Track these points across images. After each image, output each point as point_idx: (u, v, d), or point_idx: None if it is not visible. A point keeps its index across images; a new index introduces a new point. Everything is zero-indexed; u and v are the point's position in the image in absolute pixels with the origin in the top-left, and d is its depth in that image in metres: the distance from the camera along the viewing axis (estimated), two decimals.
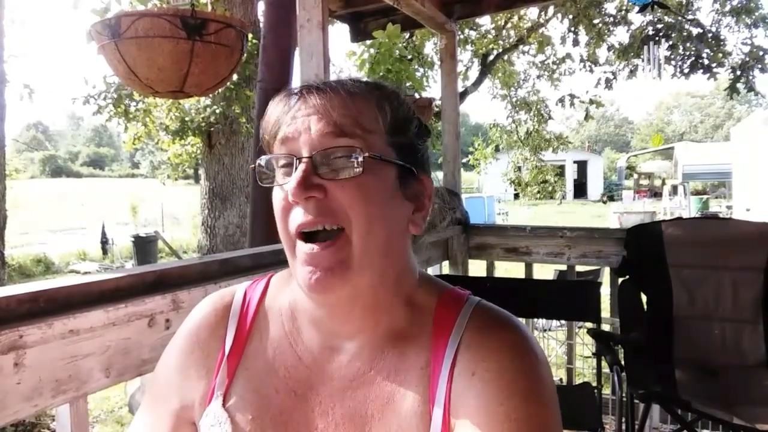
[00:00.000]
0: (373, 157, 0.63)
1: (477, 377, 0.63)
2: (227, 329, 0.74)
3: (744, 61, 7.74)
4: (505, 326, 0.67)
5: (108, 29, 1.44)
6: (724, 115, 55.65)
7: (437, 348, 0.66)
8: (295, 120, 0.65)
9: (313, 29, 1.79)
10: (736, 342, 2.13)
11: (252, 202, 2.46)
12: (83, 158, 62.78)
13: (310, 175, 0.62)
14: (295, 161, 0.63)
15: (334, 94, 0.65)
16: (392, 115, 0.67)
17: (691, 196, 17.86)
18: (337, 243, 0.62)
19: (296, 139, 0.64)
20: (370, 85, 0.70)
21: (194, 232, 12.78)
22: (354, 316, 0.68)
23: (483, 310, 0.69)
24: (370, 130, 0.65)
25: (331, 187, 0.62)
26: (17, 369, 0.89)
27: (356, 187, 0.62)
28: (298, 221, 0.63)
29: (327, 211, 0.62)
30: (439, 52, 3.25)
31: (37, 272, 11.68)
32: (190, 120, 6.45)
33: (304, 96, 0.66)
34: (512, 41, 10.57)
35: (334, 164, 0.63)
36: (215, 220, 6.27)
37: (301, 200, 0.62)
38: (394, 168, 0.66)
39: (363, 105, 0.65)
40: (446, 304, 0.70)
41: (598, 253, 2.62)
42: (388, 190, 0.66)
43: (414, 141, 0.70)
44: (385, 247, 0.65)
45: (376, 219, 0.63)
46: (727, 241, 2.23)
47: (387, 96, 0.69)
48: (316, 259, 0.62)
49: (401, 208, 0.67)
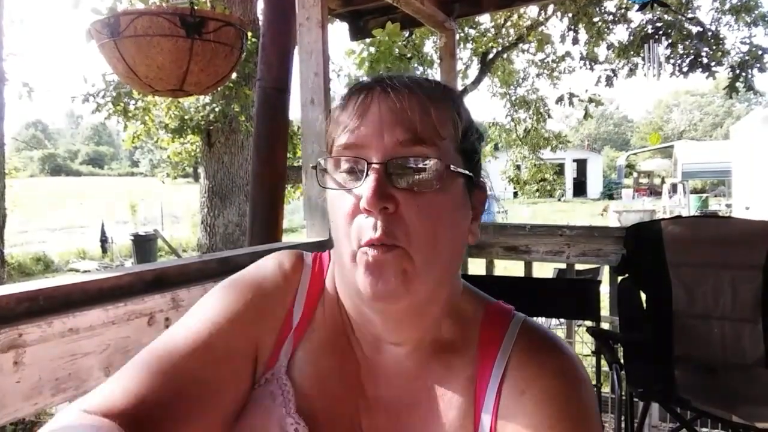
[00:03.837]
0: (451, 169, 0.60)
1: (527, 397, 0.62)
2: (296, 297, 0.72)
3: (743, 59, 7.75)
4: (555, 348, 0.67)
5: (107, 28, 1.43)
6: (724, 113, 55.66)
7: (484, 362, 0.66)
8: (367, 121, 0.61)
9: (312, 28, 1.79)
10: (736, 340, 2.13)
11: (251, 201, 2.45)
12: (82, 157, 62.70)
13: (384, 184, 0.58)
14: (366, 167, 0.59)
15: (413, 95, 0.61)
16: (462, 119, 0.64)
17: (690, 194, 17.87)
18: (404, 254, 0.59)
19: (368, 144, 0.60)
20: (444, 87, 0.67)
21: (194, 230, 12.79)
22: (406, 326, 0.67)
23: (531, 329, 0.69)
24: (445, 137, 0.61)
25: (403, 198, 0.59)
26: (17, 368, 0.89)
27: (429, 204, 0.59)
28: (367, 235, 0.59)
29: (396, 227, 0.59)
30: (439, 51, 3.24)
31: (37, 271, 11.68)
32: (190, 118, 6.44)
33: (379, 94, 0.62)
34: (512, 40, 10.56)
35: (408, 174, 0.60)
36: (215, 219, 6.27)
37: (375, 211, 0.58)
38: (462, 178, 0.63)
39: (441, 109, 0.62)
40: (493, 319, 0.69)
41: (598, 251, 2.62)
42: (457, 203, 0.63)
43: (477, 146, 0.68)
44: (447, 261, 0.64)
45: (444, 239, 0.61)
46: (727, 239, 2.23)
47: (456, 98, 0.66)
48: (379, 265, 0.59)
49: (464, 220, 0.66)
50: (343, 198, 0.62)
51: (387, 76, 0.65)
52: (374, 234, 0.58)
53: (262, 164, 2.33)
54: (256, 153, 2.36)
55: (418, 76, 0.67)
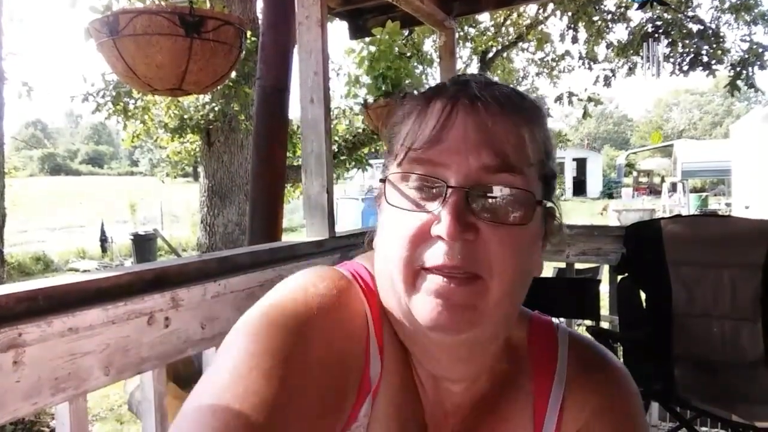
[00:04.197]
0: (539, 202, 0.56)
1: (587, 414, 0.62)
2: (370, 342, 0.59)
3: (744, 57, 7.75)
4: (608, 364, 0.66)
5: (106, 27, 1.43)
6: (723, 112, 55.68)
7: (541, 386, 0.64)
8: (449, 136, 0.54)
9: (312, 26, 1.79)
10: (735, 339, 2.13)
11: (251, 200, 2.45)
12: (82, 156, 62.68)
13: (464, 211, 0.52)
14: (445, 190, 0.53)
15: (505, 113, 0.55)
16: (548, 140, 0.59)
17: (690, 193, 17.88)
18: (474, 286, 0.53)
19: (449, 163, 0.54)
20: (536, 104, 0.60)
21: (193, 230, 12.79)
22: (466, 362, 0.62)
23: (580, 345, 0.67)
24: (534, 163, 0.56)
25: (485, 229, 0.53)
26: (16, 367, 0.89)
27: (512, 235, 0.54)
28: (437, 260, 0.53)
29: (473, 257, 0.53)
30: (438, 50, 3.24)
31: (36, 270, 11.68)
32: (189, 118, 6.44)
33: (466, 106, 0.55)
34: (511, 38, 10.57)
35: (490, 202, 0.54)
36: (214, 218, 6.27)
37: (456, 240, 0.52)
38: (542, 207, 0.58)
39: (533, 131, 0.56)
40: (539, 336, 0.67)
41: (597, 250, 2.61)
42: (536, 234, 0.59)
43: (555, 167, 0.61)
44: (519, 297, 0.59)
45: (522, 273, 0.57)
46: (726, 238, 2.23)
47: (543, 115, 0.60)
48: (449, 293, 0.53)
49: (539, 252, 0.61)
50: (411, 217, 0.55)
51: (474, 81, 0.58)
52: (448, 260, 0.52)
53: (262, 163, 2.33)
54: (256, 152, 2.36)
55: (507, 87, 0.59)
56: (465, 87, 0.57)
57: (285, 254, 1.58)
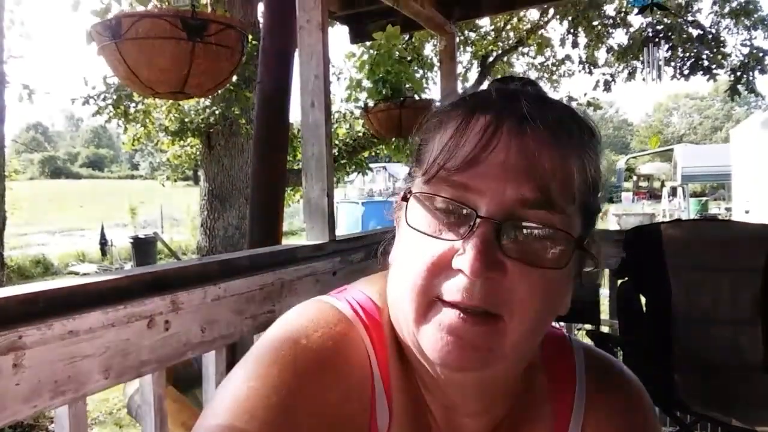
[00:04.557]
0: (579, 244, 0.50)
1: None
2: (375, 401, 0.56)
3: (743, 62, 7.77)
4: (626, 381, 0.64)
5: (108, 30, 1.44)
6: (723, 116, 55.71)
7: (561, 409, 0.61)
8: (488, 160, 0.48)
9: (312, 30, 1.79)
10: (735, 343, 2.13)
11: (251, 204, 2.46)
12: (82, 159, 62.75)
13: (492, 247, 0.47)
14: (474, 219, 0.47)
15: (556, 142, 0.49)
16: (599, 174, 0.54)
17: (690, 197, 17.88)
18: (492, 327, 0.48)
19: (483, 190, 0.48)
20: (590, 127, 0.54)
21: (193, 233, 12.78)
22: (478, 400, 0.58)
23: (596, 361, 0.65)
24: (574, 199, 0.50)
25: (513, 270, 0.47)
26: (16, 370, 0.89)
27: (545, 280, 0.48)
28: (454, 296, 0.48)
29: (495, 297, 0.48)
30: (439, 54, 3.25)
31: (36, 273, 11.67)
32: (190, 121, 6.45)
33: (511, 128, 0.49)
34: (512, 43, 10.59)
35: (523, 240, 0.48)
36: (214, 222, 6.27)
37: (478, 279, 0.47)
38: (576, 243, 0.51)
39: (583, 164, 0.51)
40: (554, 354, 0.64)
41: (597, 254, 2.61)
42: (569, 277, 0.53)
43: (600, 204, 0.57)
44: (538, 338, 0.55)
45: (546, 316, 0.52)
46: (726, 242, 2.23)
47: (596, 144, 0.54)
48: (463, 331, 0.48)
49: (567, 295, 0.55)
50: (432, 243, 0.50)
51: (524, 95, 0.51)
52: (466, 298, 0.47)
53: (263, 167, 2.33)
54: (257, 155, 2.37)
55: (561, 106, 0.53)
56: (514, 102, 0.50)
57: (285, 258, 1.58)
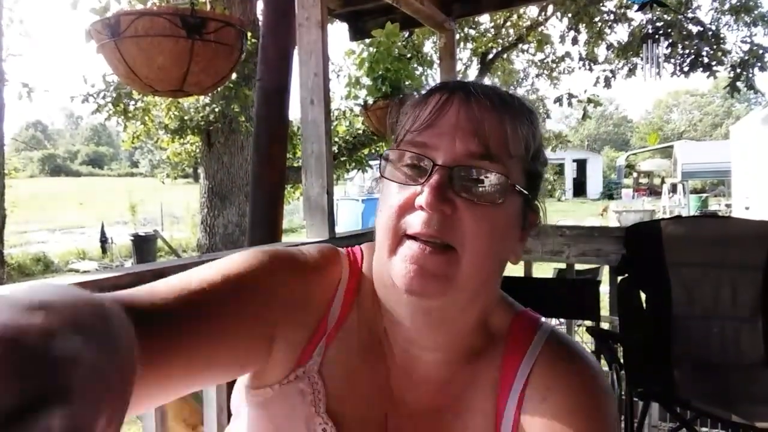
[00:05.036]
0: (516, 189, 0.62)
1: (548, 404, 0.63)
2: (335, 296, 0.70)
3: (743, 59, 7.76)
4: (580, 360, 0.67)
5: (108, 28, 1.44)
6: (723, 113, 55.67)
7: (508, 369, 0.66)
8: (442, 122, 0.61)
9: (312, 28, 1.79)
10: (735, 340, 2.13)
11: (251, 201, 2.46)
12: (82, 157, 62.72)
13: (445, 187, 0.59)
14: (431, 167, 0.60)
15: (494, 109, 0.62)
16: (533, 140, 0.65)
17: (690, 194, 17.89)
18: (447, 256, 0.59)
19: (438, 145, 0.61)
20: (522, 102, 0.66)
21: (193, 230, 12.79)
22: (438, 331, 0.66)
23: (558, 340, 0.69)
24: (514, 155, 0.62)
25: (461, 206, 0.59)
26: None
27: (487, 217, 0.60)
28: (415, 228, 0.59)
29: (449, 229, 0.59)
30: (439, 51, 3.25)
31: (37, 271, 11.68)
32: (190, 119, 6.45)
33: (461, 99, 0.62)
34: (511, 40, 10.58)
35: (471, 184, 0.60)
36: (214, 219, 6.27)
37: (433, 210, 0.58)
38: (521, 198, 0.64)
39: (515, 126, 0.62)
40: (520, 327, 0.70)
41: (598, 251, 2.62)
42: (513, 221, 0.64)
43: (541, 170, 0.68)
44: (488, 276, 0.64)
45: (492, 252, 0.62)
46: (726, 239, 2.23)
47: (533, 118, 0.66)
48: (423, 260, 0.59)
49: (514, 239, 0.66)
50: (399, 190, 0.62)
51: (472, 82, 0.66)
52: (425, 228, 0.58)
53: (262, 164, 2.33)
54: (256, 153, 2.36)
55: (501, 90, 0.66)
56: (463, 84, 0.64)
57: None
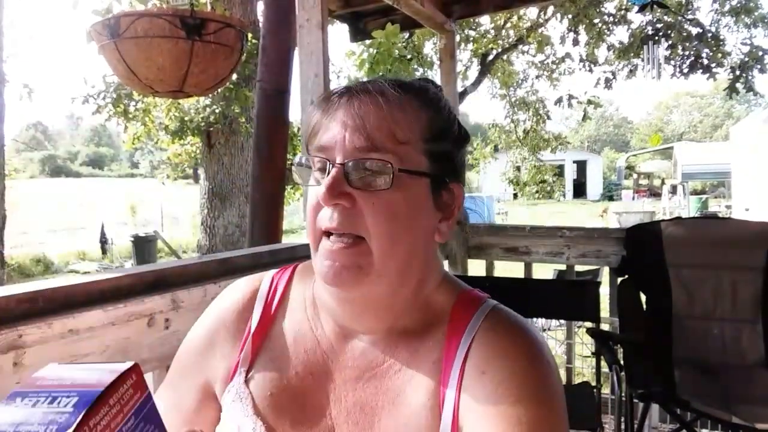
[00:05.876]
0: (405, 171, 0.64)
1: (488, 376, 0.64)
2: (253, 311, 0.77)
3: (743, 61, 7.76)
4: (518, 329, 0.68)
5: (108, 29, 1.44)
6: (724, 114, 55.65)
7: (450, 345, 0.68)
8: (332, 128, 0.66)
9: (312, 29, 1.79)
10: (736, 341, 2.13)
11: (251, 202, 2.45)
12: (82, 158, 62.66)
13: (340, 182, 0.63)
14: (328, 166, 0.65)
15: (372, 103, 0.65)
16: (430, 123, 0.68)
17: (690, 195, 17.89)
18: (357, 248, 0.64)
19: (334, 146, 0.65)
20: (411, 90, 0.69)
21: (193, 231, 12.78)
22: (368, 316, 0.71)
23: (498, 313, 0.70)
24: (404, 141, 0.65)
25: (359, 197, 0.64)
26: (16, 369, 0.89)
27: (383, 203, 0.64)
28: (324, 223, 0.65)
29: (351, 221, 0.64)
30: (439, 52, 3.25)
31: (37, 272, 11.69)
32: (190, 120, 6.44)
33: (346, 101, 0.67)
34: (511, 41, 10.58)
35: (364, 174, 0.64)
36: (214, 220, 6.27)
37: (329, 205, 0.64)
38: (426, 179, 0.67)
39: (400, 114, 0.66)
40: (463, 305, 0.71)
41: (598, 252, 2.61)
42: (417, 202, 0.67)
43: (451, 148, 0.71)
44: (406, 258, 0.67)
45: (400, 235, 0.65)
46: (727, 240, 2.23)
47: (427, 102, 0.69)
48: (336, 255, 0.65)
49: (428, 219, 0.69)
50: (312, 193, 0.68)
51: (360, 82, 0.70)
52: (330, 223, 0.64)
53: (262, 165, 2.33)
54: (256, 154, 2.36)
55: (392, 81, 0.70)
56: (350, 85, 0.69)
57: (285, 256, 1.58)
